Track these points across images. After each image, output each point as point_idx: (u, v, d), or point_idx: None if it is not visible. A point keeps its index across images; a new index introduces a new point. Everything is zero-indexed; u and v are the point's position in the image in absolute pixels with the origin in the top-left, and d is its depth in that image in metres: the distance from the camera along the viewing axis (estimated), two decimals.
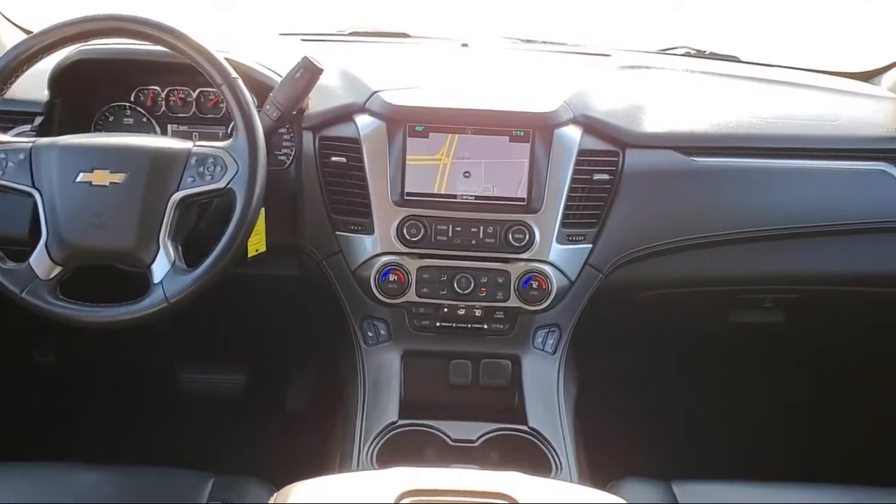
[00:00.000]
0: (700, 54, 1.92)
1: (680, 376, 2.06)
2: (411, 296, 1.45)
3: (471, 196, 1.45)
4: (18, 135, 1.40)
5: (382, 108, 1.44)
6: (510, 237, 1.44)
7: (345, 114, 1.47)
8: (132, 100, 1.56)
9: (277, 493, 0.98)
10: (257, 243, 1.43)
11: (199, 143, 1.31)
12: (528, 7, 2.28)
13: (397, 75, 1.57)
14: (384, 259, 1.44)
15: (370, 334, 1.49)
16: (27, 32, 1.61)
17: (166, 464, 1.27)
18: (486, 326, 1.48)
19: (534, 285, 1.45)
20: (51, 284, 1.26)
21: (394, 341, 1.48)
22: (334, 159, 1.46)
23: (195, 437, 1.98)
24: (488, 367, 1.47)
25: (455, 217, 1.45)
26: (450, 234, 1.44)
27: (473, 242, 1.45)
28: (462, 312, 1.47)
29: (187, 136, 1.54)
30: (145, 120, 1.56)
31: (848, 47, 2.08)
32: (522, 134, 1.44)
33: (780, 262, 1.56)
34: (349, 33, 1.92)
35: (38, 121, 1.48)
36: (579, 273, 1.49)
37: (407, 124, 1.43)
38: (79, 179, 1.25)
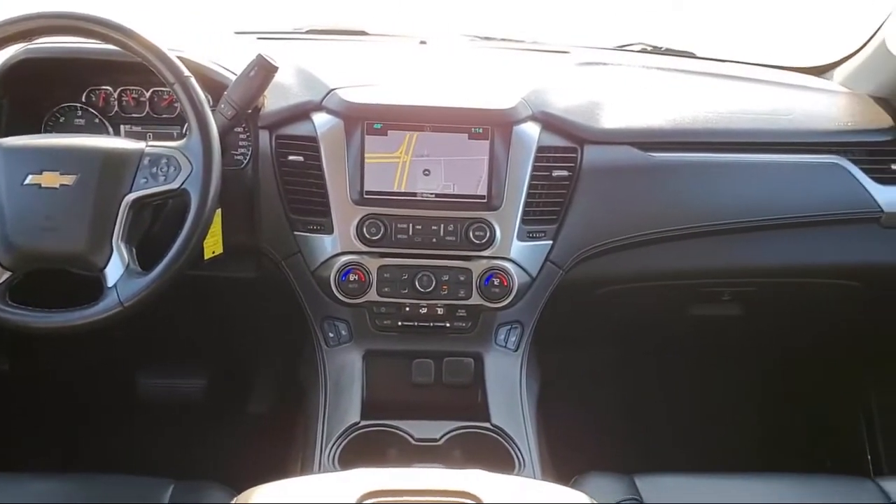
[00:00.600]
0: (656, 50, 1.93)
1: (641, 370, 2.08)
2: (372, 295, 1.44)
3: (431, 194, 1.45)
4: None
5: (340, 105, 1.43)
6: (471, 235, 1.44)
7: (301, 112, 1.45)
8: (83, 100, 1.52)
9: (238, 497, 0.97)
10: (214, 245, 1.42)
11: (152, 143, 1.29)
12: (486, 4, 2.28)
13: (355, 73, 1.56)
14: (344, 259, 1.43)
15: (331, 335, 1.48)
16: None
17: (125, 471, 1.25)
18: (448, 325, 1.48)
19: (495, 282, 1.45)
20: (0, 290, 1.23)
21: (355, 342, 1.47)
22: (291, 158, 1.44)
23: (155, 443, 1.95)
24: (451, 366, 1.47)
25: (415, 215, 1.44)
26: (410, 233, 1.44)
27: (434, 241, 1.44)
28: (424, 311, 1.46)
29: (141, 136, 1.51)
30: (97, 121, 1.53)
31: (800, 42, 2.11)
32: (481, 131, 1.43)
33: (738, 256, 1.58)
34: (306, 31, 1.90)
35: None
36: (540, 269, 1.49)
37: (365, 122, 1.42)
38: (27, 182, 1.22)
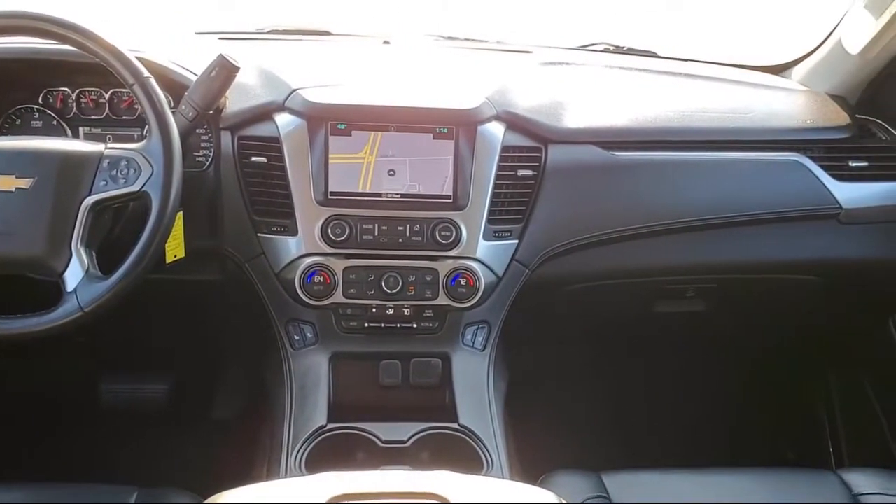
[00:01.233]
0: (619, 50, 1.95)
1: (608, 368, 2.10)
2: (338, 297, 1.43)
3: (396, 194, 1.44)
4: None
5: (303, 105, 1.42)
6: (437, 235, 1.43)
7: (264, 112, 1.44)
8: (40, 102, 1.49)
9: (203, 502, 0.96)
10: (176, 248, 1.40)
11: (111, 145, 1.27)
12: (449, 4, 2.28)
13: (318, 73, 1.55)
14: (309, 260, 1.42)
15: (296, 338, 1.46)
16: None
17: (88, 479, 1.23)
18: (415, 325, 1.47)
19: (462, 282, 1.45)
20: None
21: (321, 344, 1.46)
22: (254, 159, 1.43)
23: (119, 450, 1.92)
24: (418, 367, 1.46)
25: (381, 216, 1.43)
26: (376, 234, 1.43)
27: (400, 241, 1.43)
28: (391, 312, 1.46)
29: (100, 138, 1.49)
30: (55, 123, 1.50)
31: (760, 41, 2.14)
32: (446, 131, 1.43)
33: (701, 253, 1.60)
34: (268, 31, 1.88)
35: None
36: (506, 269, 1.50)
37: (328, 122, 1.41)
38: None
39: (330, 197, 1.42)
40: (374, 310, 1.45)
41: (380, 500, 0.85)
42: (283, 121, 1.43)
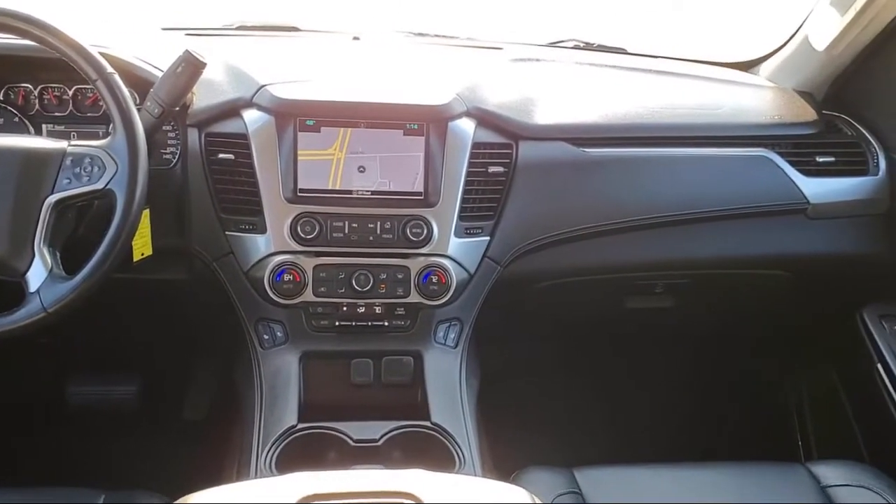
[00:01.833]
0: (589, 47, 1.95)
1: (579, 364, 2.11)
2: (308, 296, 1.41)
3: (367, 191, 1.43)
4: None
5: (271, 102, 1.40)
6: (408, 232, 1.42)
7: (231, 109, 1.42)
8: (1, 98, 1.46)
9: None
10: (142, 247, 1.38)
11: (74, 142, 1.25)
12: (420, 0, 2.27)
13: (286, 69, 1.53)
14: (278, 258, 1.40)
15: (266, 337, 1.45)
16: None
17: (54, 482, 1.21)
18: (386, 323, 1.46)
19: (434, 280, 1.44)
20: None
21: (291, 343, 1.44)
22: (222, 156, 1.41)
23: (86, 452, 1.90)
24: (390, 365, 1.45)
25: (351, 213, 1.42)
26: (346, 231, 1.42)
27: (371, 238, 1.42)
28: (362, 310, 1.45)
29: (64, 135, 1.46)
30: (17, 120, 1.47)
31: (729, 38, 2.16)
32: (416, 127, 1.42)
33: (671, 249, 1.61)
34: (236, 27, 1.86)
35: None
36: (478, 266, 1.49)
37: (297, 118, 1.40)
38: None
39: (299, 194, 1.40)
40: (344, 308, 1.43)
41: (350, 500, 0.84)
42: (251, 117, 1.41)
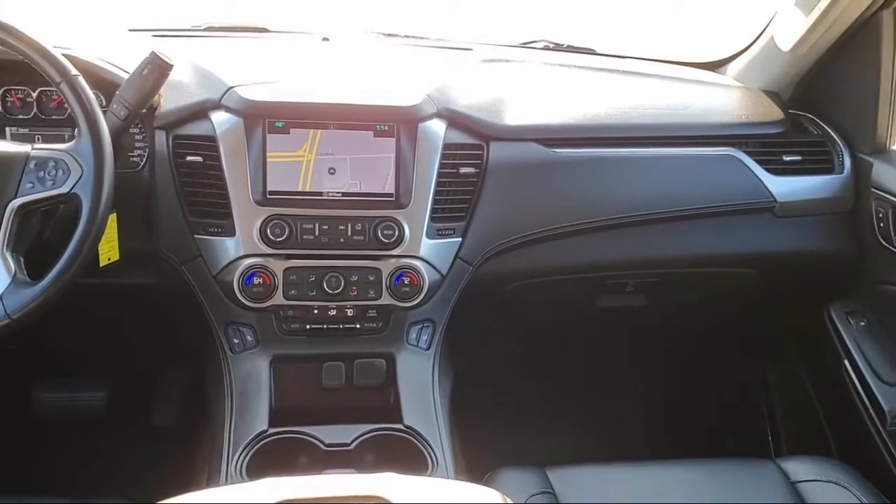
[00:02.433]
0: (558, 47, 1.96)
1: (552, 364, 2.11)
2: (278, 299, 1.40)
3: (337, 193, 1.42)
4: None
5: (239, 103, 1.39)
6: (379, 234, 1.42)
7: (199, 111, 1.41)
8: None
9: None
10: (110, 251, 1.36)
11: (38, 146, 1.23)
12: (390, 1, 2.27)
13: (255, 70, 1.52)
14: (248, 261, 1.39)
15: (236, 341, 1.43)
16: None
17: (22, 490, 1.19)
18: (358, 326, 1.45)
19: (405, 281, 1.43)
20: None
21: (262, 347, 1.43)
22: (189, 159, 1.39)
23: (55, 460, 1.87)
24: (362, 368, 1.44)
25: (321, 215, 1.41)
26: (317, 233, 1.41)
27: (342, 240, 1.41)
28: (333, 313, 1.44)
29: (29, 139, 1.43)
30: None
31: (696, 38, 2.18)
32: (387, 128, 1.42)
33: (642, 248, 1.62)
34: (205, 28, 1.85)
35: None
36: (450, 267, 1.49)
37: (266, 120, 1.38)
38: None
39: (269, 196, 1.39)
40: (315, 311, 1.43)
41: None
42: (219, 119, 1.40)
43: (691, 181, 1.60)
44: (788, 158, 1.64)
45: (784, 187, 1.62)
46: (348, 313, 1.44)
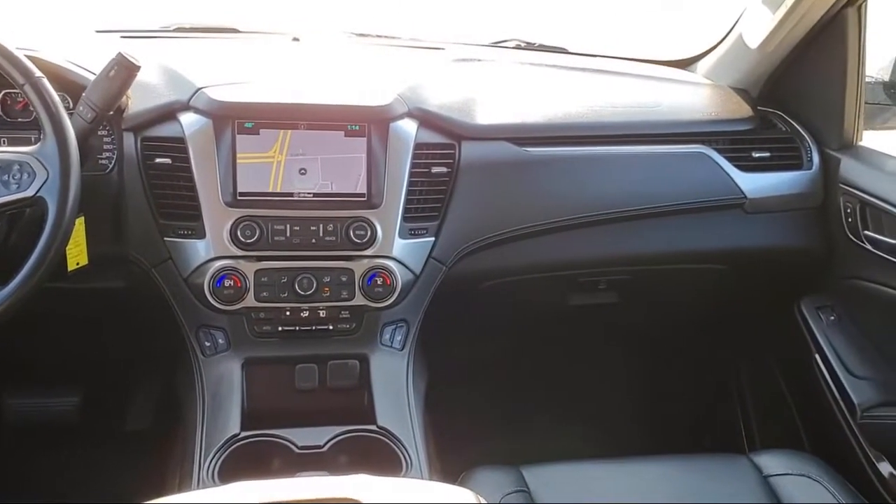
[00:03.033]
0: (530, 46, 1.97)
1: (527, 362, 2.11)
2: (250, 301, 1.39)
3: (308, 193, 1.41)
4: None
5: (208, 105, 1.38)
6: (351, 234, 1.41)
7: (168, 112, 1.40)
8: None
9: None
10: (78, 255, 1.34)
11: (2, 148, 1.21)
12: (362, 1, 2.26)
13: (225, 71, 1.51)
14: (218, 264, 1.38)
15: (207, 344, 1.42)
16: None
17: None
18: (331, 327, 1.44)
19: (378, 282, 1.42)
20: None
21: (233, 350, 1.42)
22: (158, 161, 1.38)
23: (27, 467, 1.84)
24: (336, 369, 1.43)
25: (292, 216, 1.40)
26: (288, 234, 1.40)
27: (313, 241, 1.40)
28: (305, 315, 1.43)
29: None
30: None
31: (666, 36, 2.19)
32: (358, 128, 1.41)
33: (614, 245, 1.62)
34: (174, 29, 1.83)
35: None
36: (423, 267, 1.48)
37: (235, 121, 1.37)
38: None
39: (239, 198, 1.38)
40: (287, 313, 1.42)
41: None
42: (188, 120, 1.39)
43: (662, 179, 1.60)
44: (758, 155, 1.66)
45: (753, 184, 1.63)
46: (321, 314, 1.43)
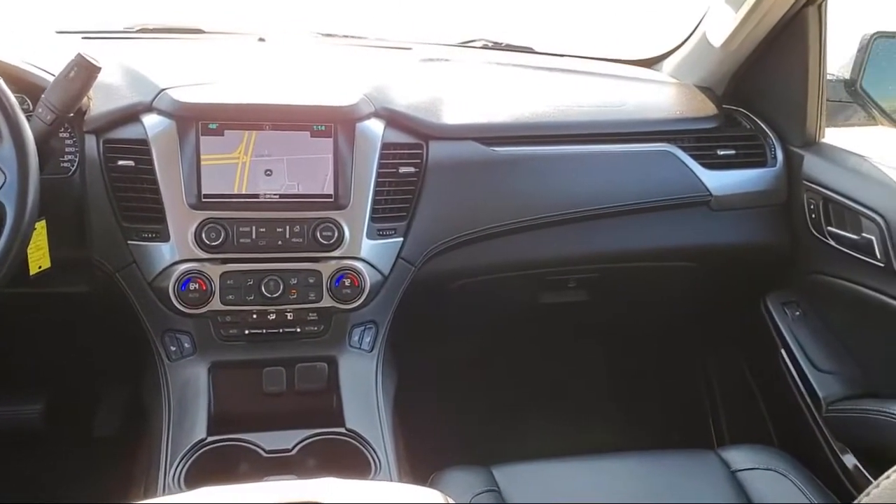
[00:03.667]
0: (497, 46, 1.97)
1: (497, 361, 2.12)
2: (215, 304, 1.37)
3: (274, 195, 1.40)
4: None
5: (171, 106, 1.36)
6: (318, 235, 1.40)
7: (130, 114, 1.38)
8: None
9: None
10: (40, 259, 1.32)
11: None
12: (328, 1, 2.25)
13: (189, 72, 1.49)
14: (183, 267, 1.36)
15: (173, 348, 1.40)
16: None
17: None
18: (299, 330, 1.43)
19: (346, 283, 1.42)
20: None
21: (199, 354, 1.40)
22: (121, 163, 1.36)
23: None
24: (304, 372, 1.42)
25: (258, 218, 1.39)
26: (254, 236, 1.38)
27: (280, 243, 1.39)
28: (272, 317, 1.41)
29: None
30: None
31: (632, 35, 2.20)
32: (324, 129, 1.40)
33: (582, 243, 1.63)
34: (137, 30, 1.80)
35: None
36: (392, 267, 1.48)
37: (199, 122, 1.36)
38: None
39: (203, 200, 1.37)
40: (254, 315, 1.40)
41: None
42: (151, 122, 1.37)
43: (628, 177, 1.61)
44: (722, 153, 1.67)
45: (719, 181, 1.65)
46: (288, 317, 1.42)
